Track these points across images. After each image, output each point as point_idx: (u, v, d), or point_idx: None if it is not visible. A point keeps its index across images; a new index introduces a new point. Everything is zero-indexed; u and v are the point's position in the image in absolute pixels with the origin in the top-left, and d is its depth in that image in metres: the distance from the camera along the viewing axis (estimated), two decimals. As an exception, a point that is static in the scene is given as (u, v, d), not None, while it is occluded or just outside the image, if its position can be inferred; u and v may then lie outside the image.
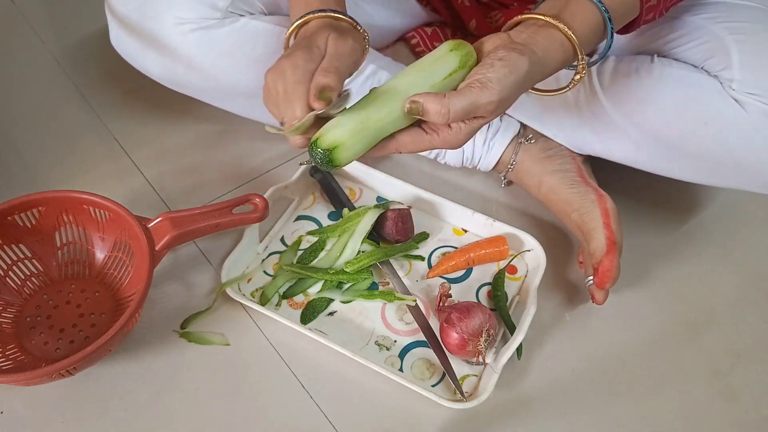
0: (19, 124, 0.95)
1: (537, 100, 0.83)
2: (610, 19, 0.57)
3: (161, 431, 0.67)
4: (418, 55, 0.95)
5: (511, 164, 0.85)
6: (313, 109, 0.54)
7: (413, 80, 0.56)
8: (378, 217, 0.78)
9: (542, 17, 0.56)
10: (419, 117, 0.53)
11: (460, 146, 0.56)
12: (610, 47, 0.60)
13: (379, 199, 0.87)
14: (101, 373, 0.70)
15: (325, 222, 0.84)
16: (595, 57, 0.63)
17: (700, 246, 0.85)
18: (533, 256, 0.79)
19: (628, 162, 0.79)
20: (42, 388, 0.68)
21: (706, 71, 0.69)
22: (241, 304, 0.74)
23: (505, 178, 0.88)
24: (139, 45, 0.78)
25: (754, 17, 0.68)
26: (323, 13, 0.61)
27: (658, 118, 0.72)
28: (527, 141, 0.84)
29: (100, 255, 0.75)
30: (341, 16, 0.62)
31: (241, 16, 0.75)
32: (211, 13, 0.73)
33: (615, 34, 0.59)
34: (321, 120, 0.55)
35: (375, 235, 0.80)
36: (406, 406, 0.69)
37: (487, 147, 0.85)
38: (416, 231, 0.82)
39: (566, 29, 0.55)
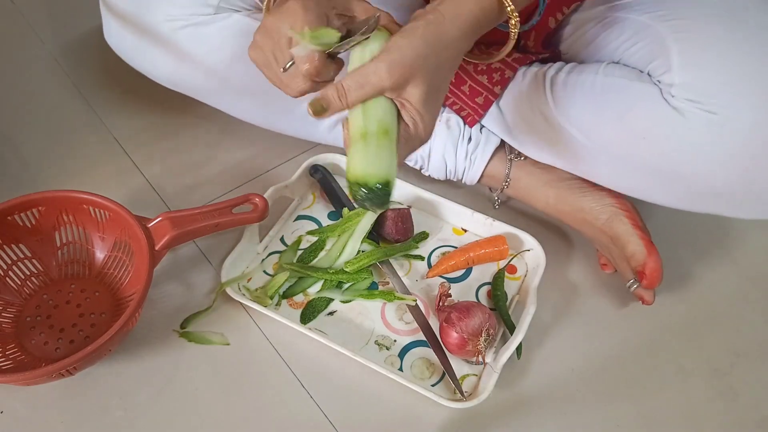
0: (19, 124, 0.95)
1: (508, 115, 0.79)
2: None
3: (161, 431, 0.67)
4: None
5: (506, 182, 0.83)
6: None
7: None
8: (378, 216, 0.78)
9: None
10: (327, 111, 0.54)
11: (427, 135, 0.56)
12: (545, 2, 0.57)
13: (379, 198, 0.87)
14: (101, 373, 0.70)
15: (325, 222, 0.84)
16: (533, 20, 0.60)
17: (700, 246, 0.85)
18: (533, 256, 0.79)
19: (593, 179, 0.76)
20: (42, 388, 0.68)
21: (650, 75, 0.66)
22: (241, 303, 0.74)
23: (498, 198, 0.86)
24: (132, 43, 0.78)
25: (702, 11, 0.63)
26: None
27: (603, 132, 0.69)
28: (517, 158, 0.82)
29: (100, 255, 0.75)
30: None
31: (235, 11, 0.75)
32: (203, 9, 0.73)
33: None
34: (330, 57, 0.56)
35: (375, 234, 0.80)
36: (406, 405, 0.69)
37: (470, 161, 0.82)
38: (416, 230, 0.82)
39: None
